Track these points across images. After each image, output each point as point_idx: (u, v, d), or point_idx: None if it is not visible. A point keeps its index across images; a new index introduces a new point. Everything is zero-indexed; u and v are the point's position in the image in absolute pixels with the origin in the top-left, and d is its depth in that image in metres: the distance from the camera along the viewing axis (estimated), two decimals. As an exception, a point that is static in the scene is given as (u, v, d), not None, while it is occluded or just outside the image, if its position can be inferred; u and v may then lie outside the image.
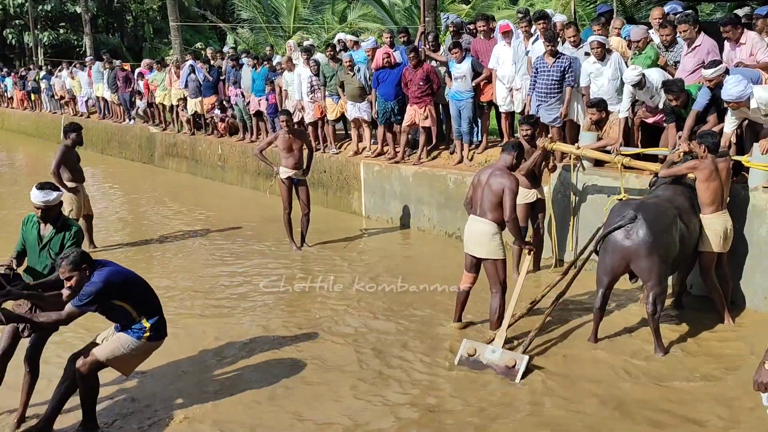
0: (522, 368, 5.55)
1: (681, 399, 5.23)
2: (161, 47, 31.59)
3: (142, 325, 4.87)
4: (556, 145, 7.99)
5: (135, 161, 18.08)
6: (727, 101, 6.43)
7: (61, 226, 5.22)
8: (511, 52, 9.49)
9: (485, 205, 6.18)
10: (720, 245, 6.38)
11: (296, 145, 9.40)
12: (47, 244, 5.19)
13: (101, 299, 4.64)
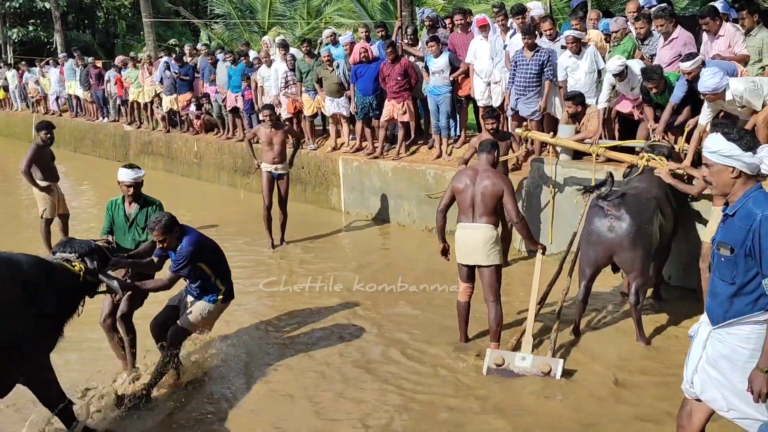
0: (559, 372, 5.43)
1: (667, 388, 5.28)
2: (134, 44, 31.14)
3: (217, 288, 5.54)
4: (532, 133, 8.14)
5: (109, 159, 17.81)
6: (704, 93, 6.46)
7: (143, 203, 5.85)
8: (488, 47, 9.49)
9: (480, 210, 5.72)
10: None
11: (277, 139, 9.37)
12: (134, 221, 5.82)
13: (193, 261, 5.30)
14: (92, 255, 4.98)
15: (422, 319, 6.84)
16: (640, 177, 6.70)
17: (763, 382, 3.29)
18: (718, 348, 3.54)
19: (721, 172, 3.41)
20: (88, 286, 4.95)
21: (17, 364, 4.43)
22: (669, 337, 6.18)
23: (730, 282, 3.44)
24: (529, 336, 5.79)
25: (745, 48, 7.10)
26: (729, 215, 3.44)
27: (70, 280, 4.79)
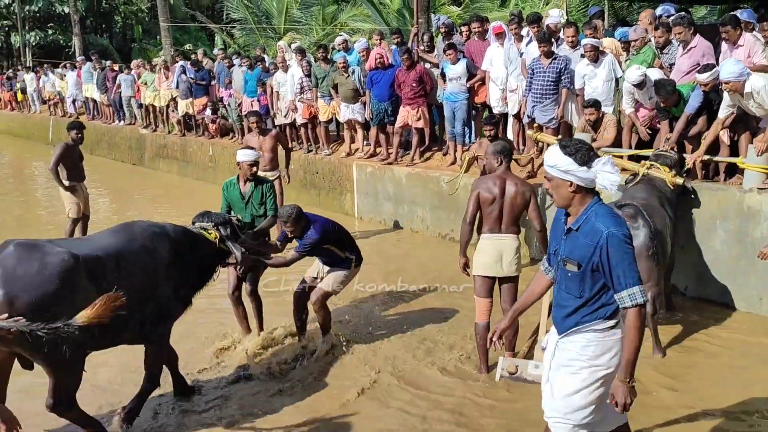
0: None
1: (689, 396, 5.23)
2: (150, 48, 31.41)
3: (348, 258, 6.12)
4: (542, 135, 8.17)
5: (125, 162, 17.96)
6: (725, 80, 6.42)
7: (257, 182, 6.39)
8: (503, 54, 9.49)
9: (507, 219, 5.54)
10: None
11: (266, 146, 9.31)
12: (249, 198, 6.36)
13: (318, 247, 5.90)
14: (226, 225, 5.52)
15: (423, 318, 6.84)
16: (637, 187, 6.67)
17: (626, 393, 3.27)
18: (559, 357, 3.53)
19: (560, 186, 3.37)
20: (221, 254, 5.47)
21: (148, 323, 4.79)
22: (684, 348, 6.12)
23: (578, 296, 3.40)
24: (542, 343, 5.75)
25: (765, 58, 7.05)
26: (573, 230, 3.38)
27: (207, 248, 5.34)
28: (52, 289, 4.08)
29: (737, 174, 7.10)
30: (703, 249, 7.06)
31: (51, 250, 4.25)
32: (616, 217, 3.34)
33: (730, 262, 6.89)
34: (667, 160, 6.92)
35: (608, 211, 3.35)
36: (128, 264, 4.64)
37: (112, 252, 4.61)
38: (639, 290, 3.24)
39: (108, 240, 4.78)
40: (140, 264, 4.73)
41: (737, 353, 5.98)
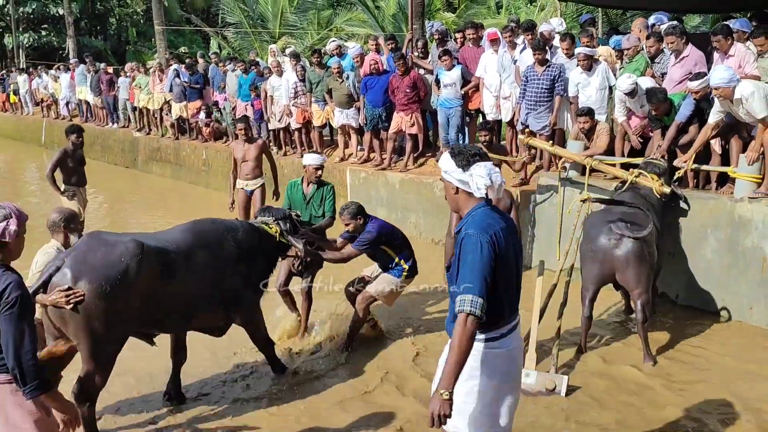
0: (564, 389, 5.40)
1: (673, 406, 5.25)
2: (145, 50, 31.36)
3: (401, 266, 6.21)
4: (533, 141, 8.22)
5: (118, 165, 17.92)
6: (715, 87, 6.47)
7: (318, 185, 6.77)
8: (496, 61, 9.53)
9: None
10: None
11: (251, 155, 9.09)
12: (310, 199, 6.76)
13: (374, 244, 6.05)
14: (286, 220, 5.85)
15: (416, 313, 6.85)
16: (625, 194, 6.71)
17: (437, 404, 3.01)
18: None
19: (447, 189, 3.38)
20: (282, 247, 5.80)
21: (235, 311, 5.37)
22: (674, 355, 6.14)
23: (453, 301, 3.22)
24: (532, 352, 5.74)
25: (756, 69, 7.10)
26: (457, 233, 3.29)
27: (269, 242, 5.67)
28: (112, 274, 4.43)
29: (728, 183, 7.14)
30: (695, 258, 7.09)
31: (119, 240, 4.64)
32: (485, 222, 3.18)
33: (721, 271, 6.92)
34: (657, 168, 6.96)
35: (483, 215, 3.22)
36: (196, 257, 5.01)
37: (181, 245, 4.98)
38: (471, 299, 3.01)
39: (177, 235, 5.14)
40: (207, 258, 5.10)
41: (728, 362, 5.99)
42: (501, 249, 3.13)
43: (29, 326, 3.24)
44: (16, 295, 3.19)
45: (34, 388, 3.23)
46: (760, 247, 6.60)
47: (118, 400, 5.47)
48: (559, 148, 8.08)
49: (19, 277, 3.28)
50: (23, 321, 3.21)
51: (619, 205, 6.32)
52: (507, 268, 3.20)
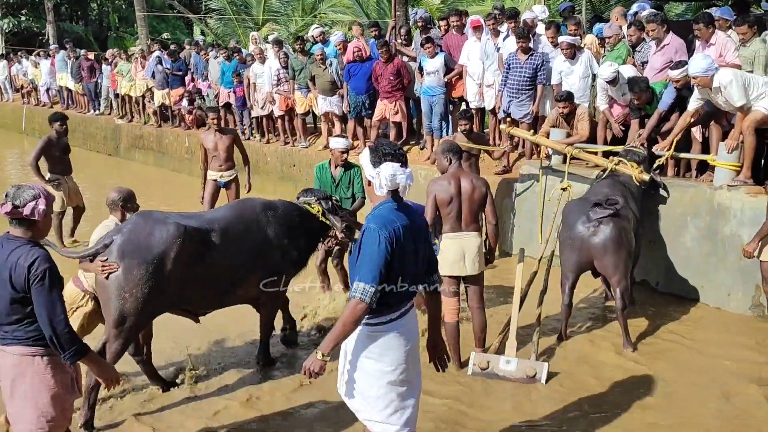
0: (544, 377, 5.44)
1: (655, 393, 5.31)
2: (127, 36, 31.00)
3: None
4: (514, 130, 8.25)
5: (100, 153, 17.76)
6: (693, 76, 6.51)
7: (346, 167, 6.93)
8: (479, 48, 9.52)
9: (467, 217, 5.51)
10: None
11: (222, 145, 8.91)
12: (339, 182, 6.94)
13: None
14: (327, 200, 6.04)
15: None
16: (601, 183, 6.75)
17: (313, 361, 3.38)
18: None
19: (365, 181, 3.55)
20: (323, 226, 5.96)
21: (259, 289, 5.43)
22: (655, 342, 6.21)
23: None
24: (513, 339, 5.78)
25: (737, 57, 7.14)
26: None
27: (312, 221, 5.86)
28: (151, 255, 4.71)
29: (708, 171, 7.20)
30: (675, 245, 7.16)
31: (163, 222, 4.88)
32: (387, 218, 3.35)
33: (701, 259, 6.99)
34: (636, 156, 7.01)
35: (387, 211, 3.39)
36: (237, 235, 5.24)
37: (223, 225, 5.22)
38: (363, 287, 3.26)
39: (220, 214, 5.44)
40: (250, 236, 5.34)
41: (707, 349, 6.07)
42: (398, 244, 3.33)
43: (59, 296, 3.46)
44: (44, 268, 3.40)
45: (72, 354, 3.47)
46: (738, 235, 6.67)
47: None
48: (539, 137, 8.10)
49: (46, 252, 3.50)
50: (53, 292, 3.43)
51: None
52: (405, 262, 3.40)
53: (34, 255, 3.42)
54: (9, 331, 3.51)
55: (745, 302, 6.70)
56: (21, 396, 3.55)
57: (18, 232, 3.52)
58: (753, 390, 5.30)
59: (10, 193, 3.49)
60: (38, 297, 3.40)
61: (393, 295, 3.43)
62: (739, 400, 5.18)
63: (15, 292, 3.42)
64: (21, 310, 3.46)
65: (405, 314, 3.55)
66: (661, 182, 7.12)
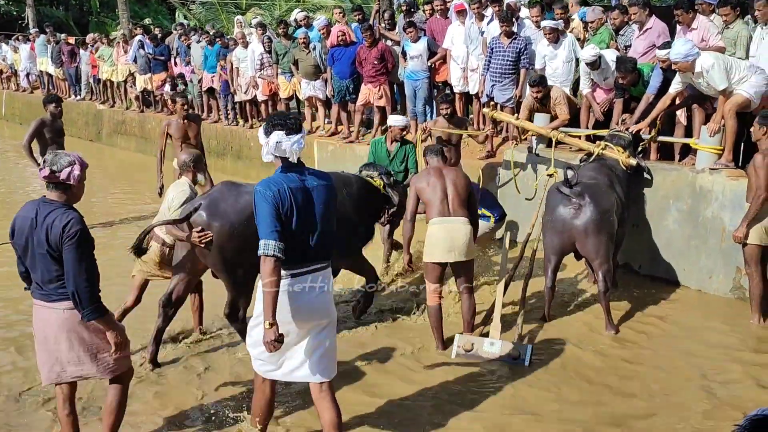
0: (528, 358, 5.46)
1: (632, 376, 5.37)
2: (108, 21, 30.63)
3: (486, 215, 7.27)
4: (497, 114, 8.30)
5: (82, 139, 17.57)
6: (675, 61, 6.55)
7: (402, 142, 7.33)
8: (463, 32, 9.49)
9: (455, 202, 5.57)
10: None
11: (192, 132, 8.50)
12: (394, 156, 7.31)
13: None
14: (388, 175, 6.48)
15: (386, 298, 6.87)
16: (588, 166, 6.78)
17: (264, 334, 3.61)
18: None
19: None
20: (384, 199, 6.40)
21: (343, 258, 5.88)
22: (636, 324, 6.26)
23: None
24: (497, 321, 5.81)
25: (721, 40, 7.17)
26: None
27: (377, 194, 6.33)
28: (239, 218, 5.07)
29: (690, 154, 7.24)
30: (657, 228, 7.21)
31: (248, 189, 5.17)
32: (274, 180, 3.75)
33: (683, 241, 7.04)
34: (622, 140, 7.03)
35: (277, 176, 3.80)
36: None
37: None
38: (265, 243, 3.60)
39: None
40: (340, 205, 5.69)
41: (688, 331, 6.13)
42: (286, 203, 3.68)
43: (87, 257, 3.71)
44: (77, 229, 3.66)
45: (90, 311, 3.71)
46: (719, 218, 6.72)
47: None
48: (523, 122, 8.09)
49: (79, 215, 3.75)
50: (81, 251, 3.67)
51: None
52: (302, 221, 3.73)
53: (68, 216, 3.68)
54: (53, 289, 3.77)
55: (726, 284, 6.76)
56: (79, 345, 3.85)
57: (54, 195, 3.76)
58: (734, 369, 5.37)
59: (48, 159, 3.75)
60: (67, 254, 3.65)
61: (300, 249, 3.76)
62: (720, 380, 5.23)
63: (53, 251, 3.68)
64: (61, 269, 3.70)
65: (318, 271, 3.85)
66: (646, 167, 7.16)
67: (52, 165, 3.71)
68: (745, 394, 5.02)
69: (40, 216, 3.70)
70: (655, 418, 4.73)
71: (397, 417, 4.78)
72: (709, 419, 4.67)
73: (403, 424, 4.69)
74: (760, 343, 5.86)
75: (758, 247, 5.95)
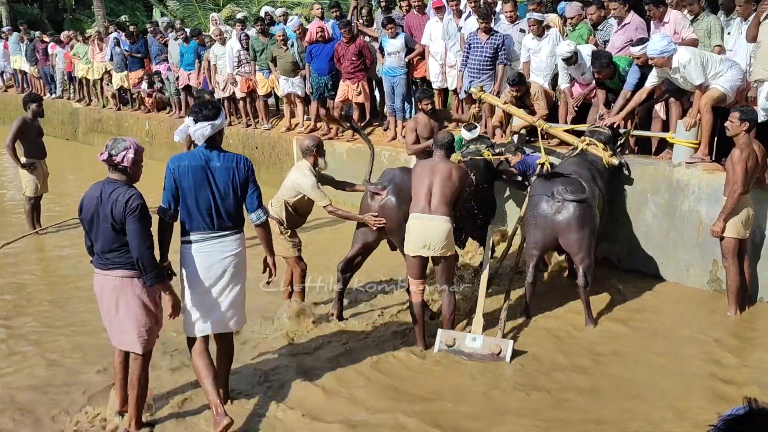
0: (509, 354, 5.45)
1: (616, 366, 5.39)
2: (84, 19, 30.26)
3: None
4: (485, 95, 8.15)
5: (58, 138, 17.34)
6: (652, 57, 6.59)
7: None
8: (441, 28, 9.48)
9: (438, 201, 5.51)
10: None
11: None
12: None
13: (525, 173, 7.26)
14: (494, 147, 7.28)
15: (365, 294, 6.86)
16: (570, 161, 6.81)
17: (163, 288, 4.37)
18: None
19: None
20: (496, 174, 7.20)
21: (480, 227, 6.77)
22: (615, 318, 6.29)
23: None
24: (479, 317, 5.82)
25: (693, 32, 7.22)
26: None
27: (491, 166, 7.15)
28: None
29: (667, 148, 7.29)
30: (635, 222, 7.25)
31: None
32: (178, 158, 4.51)
33: (660, 235, 7.09)
34: (602, 136, 7.07)
35: (185, 153, 4.70)
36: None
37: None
38: (160, 206, 4.41)
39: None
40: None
41: (666, 323, 6.18)
42: (183, 178, 4.39)
43: (146, 228, 4.17)
44: (138, 203, 4.16)
45: (152, 276, 4.20)
46: (696, 211, 6.78)
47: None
48: (510, 107, 7.95)
49: (139, 192, 4.23)
50: (142, 223, 4.14)
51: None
52: (200, 195, 4.39)
53: (130, 192, 4.18)
54: (110, 258, 4.25)
55: (703, 277, 6.82)
56: (124, 311, 4.31)
57: (115, 176, 4.29)
58: (711, 362, 5.43)
59: (108, 145, 4.26)
60: (130, 226, 4.13)
61: (197, 218, 4.42)
62: (696, 369, 5.30)
63: (115, 224, 4.15)
64: (121, 239, 4.18)
65: (221, 239, 4.47)
66: (624, 161, 7.19)
67: (111, 150, 4.23)
68: (717, 375, 5.12)
69: (105, 194, 4.20)
70: (636, 411, 4.76)
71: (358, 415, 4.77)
72: (688, 412, 4.71)
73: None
74: (736, 336, 5.92)
75: (735, 240, 6.02)
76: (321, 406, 4.90)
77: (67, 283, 7.52)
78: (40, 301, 7.07)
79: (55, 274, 7.99)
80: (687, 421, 4.58)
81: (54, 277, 7.87)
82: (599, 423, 4.63)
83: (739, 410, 1.38)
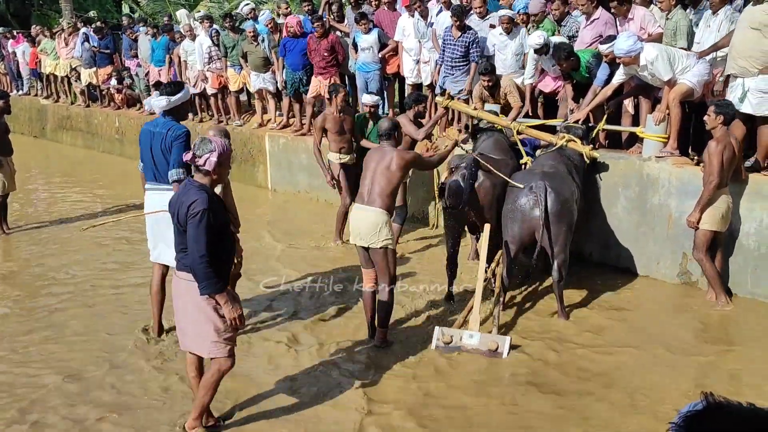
0: (506, 350, 5.46)
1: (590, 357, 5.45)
2: (51, 14, 29.76)
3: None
4: (453, 103, 8.06)
5: (25, 135, 17.08)
6: (619, 56, 6.66)
7: (373, 118, 8.27)
8: (413, 25, 9.48)
9: (376, 192, 5.41)
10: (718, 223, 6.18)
11: (347, 126, 8.33)
12: (370, 132, 8.18)
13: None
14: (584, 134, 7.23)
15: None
16: (547, 155, 6.86)
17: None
18: None
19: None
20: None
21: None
22: (588, 312, 6.35)
23: None
24: (476, 313, 5.79)
25: (659, 27, 7.30)
26: None
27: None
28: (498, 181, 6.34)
29: (638, 143, 7.36)
30: (607, 216, 7.32)
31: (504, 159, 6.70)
32: (144, 127, 5.58)
33: (631, 229, 7.17)
34: (577, 131, 7.13)
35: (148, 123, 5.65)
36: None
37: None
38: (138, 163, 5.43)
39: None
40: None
41: (637, 315, 6.26)
42: (142, 139, 5.54)
43: (205, 235, 3.96)
44: (201, 209, 3.95)
45: (204, 287, 4.02)
46: (666, 205, 6.86)
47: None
48: (481, 112, 8.00)
49: (207, 197, 4.00)
50: (200, 229, 3.95)
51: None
52: (147, 153, 5.49)
53: (195, 197, 3.98)
54: (179, 259, 4.16)
55: (673, 270, 6.91)
56: (196, 315, 4.16)
57: (198, 177, 4.15)
58: (678, 346, 5.55)
59: (196, 144, 4.10)
60: (189, 230, 3.98)
61: (145, 172, 5.62)
62: (665, 356, 5.41)
63: (180, 226, 4.07)
64: (185, 242, 4.05)
65: (152, 190, 5.56)
66: (597, 156, 7.25)
67: (196, 150, 4.07)
68: (681, 362, 5.25)
69: (182, 195, 4.09)
70: (617, 402, 4.82)
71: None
72: (664, 404, 4.76)
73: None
74: (707, 327, 6.02)
75: (711, 232, 6.12)
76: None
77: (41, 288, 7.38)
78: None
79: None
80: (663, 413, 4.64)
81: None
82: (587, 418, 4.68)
83: (697, 405, 1.38)
